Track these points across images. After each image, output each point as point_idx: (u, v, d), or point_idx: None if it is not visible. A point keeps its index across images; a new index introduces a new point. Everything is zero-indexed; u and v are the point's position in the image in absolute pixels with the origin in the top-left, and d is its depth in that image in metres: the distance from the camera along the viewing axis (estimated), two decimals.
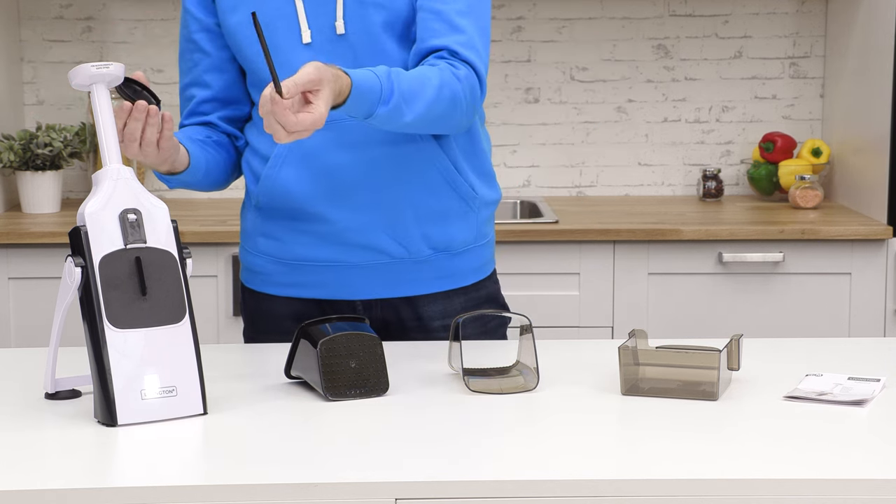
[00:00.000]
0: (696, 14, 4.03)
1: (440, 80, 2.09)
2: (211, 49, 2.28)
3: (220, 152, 2.29)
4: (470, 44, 2.15)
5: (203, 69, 2.29)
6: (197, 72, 2.30)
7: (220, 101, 2.30)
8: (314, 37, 2.18)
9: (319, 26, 2.18)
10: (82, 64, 1.87)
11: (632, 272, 3.50)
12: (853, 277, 3.51)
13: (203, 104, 2.30)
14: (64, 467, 1.64)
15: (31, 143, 3.69)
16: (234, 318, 3.46)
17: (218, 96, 2.30)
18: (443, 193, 2.24)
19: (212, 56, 2.28)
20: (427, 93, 2.06)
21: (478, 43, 2.17)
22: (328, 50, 2.17)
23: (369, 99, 2.00)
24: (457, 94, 2.11)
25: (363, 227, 2.21)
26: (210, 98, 2.30)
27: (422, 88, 2.06)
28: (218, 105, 2.30)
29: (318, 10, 2.18)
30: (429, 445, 1.71)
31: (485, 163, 2.31)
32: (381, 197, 2.18)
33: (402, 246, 2.23)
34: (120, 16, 3.93)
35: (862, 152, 3.72)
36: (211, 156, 2.26)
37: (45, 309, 3.37)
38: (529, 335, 1.97)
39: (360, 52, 2.17)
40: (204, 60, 2.29)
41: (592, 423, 1.81)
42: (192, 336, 1.83)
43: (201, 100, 2.30)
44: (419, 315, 2.28)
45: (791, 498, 1.57)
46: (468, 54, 2.15)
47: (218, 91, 2.29)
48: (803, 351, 2.20)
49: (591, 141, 4.08)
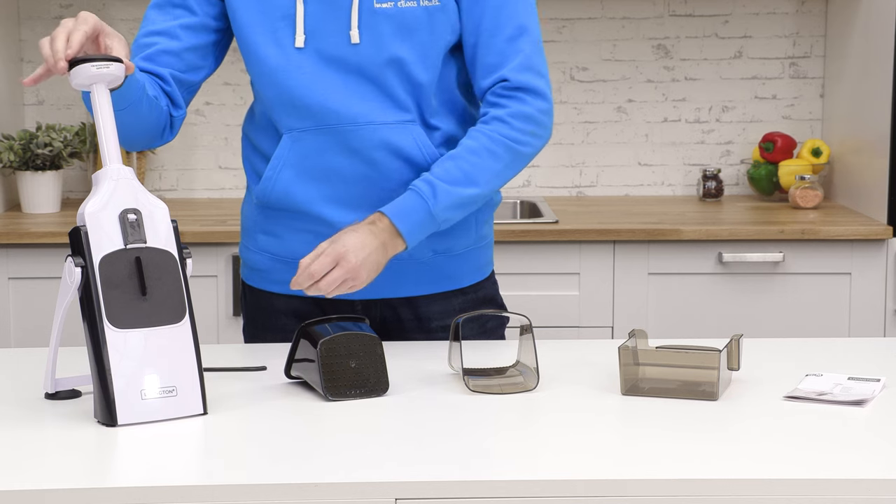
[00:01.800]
0: (696, 14, 4.03)
1: (484, 138, 2.15)
2: (198, 9, 2.20)
3: (154, 106, 2.16)
4: (525, 65, 2.18)
5: (181, 25, 2.20)
6: (172, 25, 2.19)
7: (182, 59, 2.20)
8: (325, 47, 2.16)
9: (333, 34, 2.16)
10: (82, 64, 1.86)
11: (632, 272, 3.50)
12: (853, 277, 3.51)
13: (164, 55, 2.19)
14: (64, 467, 1.64)
15: (31, 143, 3.69)
16: (234, 318, 3.46)
17: (182, 54, 2.20)
18: None
19: (197, 15, 2.20)
20: (474, 160, 2.14)
21: (534, 60, 2.19)
22: (342, 67, 2.16)
23: (414, 208, 2.10)
24: (508, 138, 2.16)
25: None
26: (175, 51, 2.19)
27: (468, 160, 2.14)
28: (177, 62, 2.19)
29: (331, 16, 2.15)
30: (429, 445, 1.71)
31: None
32: (382, 201, 2.17)
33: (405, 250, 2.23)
34: (120, 16, 3.93)
35: (862, 152, 3.72)
36: (147, 98, 2.13)
37: (45, 309, 3.37)
38: (529, 335, 1.97)
39: (373, 62, 2.16)
40: (185, 17, 2.20)
41: (592, 422, 1.81)
42: (192, 336, 1.83)
43: (164, 49, 2.18)
44: (418, 315, 2.28)
45: (791, 498, 1.57)
46: (521, 78, 2.17)
47: (185, 49, 2.20)
48: (803, 351, 2.20)
49: (591, 141, 4.08)
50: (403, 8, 2.14)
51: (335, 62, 2.16)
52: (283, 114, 2.19)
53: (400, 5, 2.14)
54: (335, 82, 2.16)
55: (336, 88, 2.16)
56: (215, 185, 4.07)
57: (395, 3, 2.15)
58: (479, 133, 2.16)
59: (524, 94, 2.17)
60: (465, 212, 2.17)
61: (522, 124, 2.17)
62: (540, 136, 2.21)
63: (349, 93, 2.16)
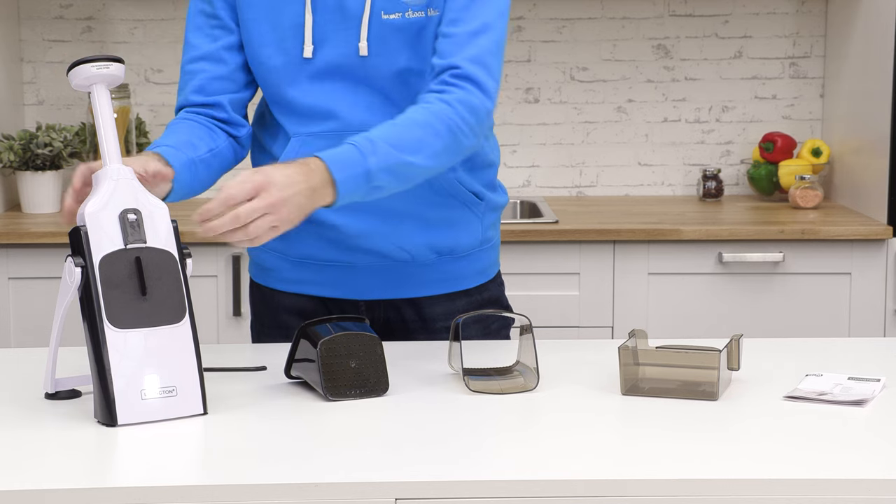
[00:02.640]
0: (696, 14, 4.02)
1: (428, 114, 2.05)
2: (234, 26, 2.19)
3: (214, 165, 2.21)
4: (478, 60, 2.10)
5: (223, 45, 2.19)
6: (215, 46, 2.19)
7: (233, 80, 2.20)
8: (333, 57, 2.15)
9: (341, 45, 2.14)
10: (82, 64, 1.86)
11: (632, 272, 3.50)
12: (853, 277, 3.51)
13: (215, 81, 2.20)
14: (64, 467, 1.64)
15: (31, 143, 3.69)
16: (234, 318, 3.46)
17: (233, 76, 2.20)
18: (446, 204, 2.23)
19: (234, 33, 2.19)
20: (417, 132, 2.02)
21: (488, 59, 2.11)
22: (349, 76, 2.15)
23: (352, 160, 1.95)
24: (451, 120, 2.05)
25: (368, 235, 2.20)
26: (224, 76, 2.20)
27: (416, 128, 2.02)
28: (230, 85, 2.21)
29: (339, 26, 2.14)
30: (429, 445, 1.71)
31: (491, 174, 2.30)
32: (385, 208, 2.16)
33: (407, 252, 2.23)
34: (120, 16, 3.93)
35: (862, 152, 3.72)
36: (203, 176, 2.18)
37: (45, 309, 3.37)
38: (529, 335, 1.97)
39: (381, 74, 2.15)
40: (225, 36, 2.19)
41: (592, 422, 1.81)
42: (192, 336, 1.83)
43: (214, 76, 2.20)
44: (422, 316, 2.28)
45: (791, 498, 1.57)
46: (472, 70, 2.09)
47: (233, 70, 2.20)
48: (803, 351, 2.20)
49: (591, 141, 4.07)
50: (411, 18, 2.13)
51: (343, 72, 2.15)
52: (290, 120, 2.19)
53: (408, 16, 2.13)
54: (343, 92, 2.16)
55: (343, 98, 2.16)
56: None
57: (403, 13, 2.13)
58: (422, 109, 2.06)
59: (472, 85, 2.09)
60: (400, 183, 2.03)
61: (465, 113, 2.07)
62: (476, 134, 2.10)
63: (356, 102, 2.15)
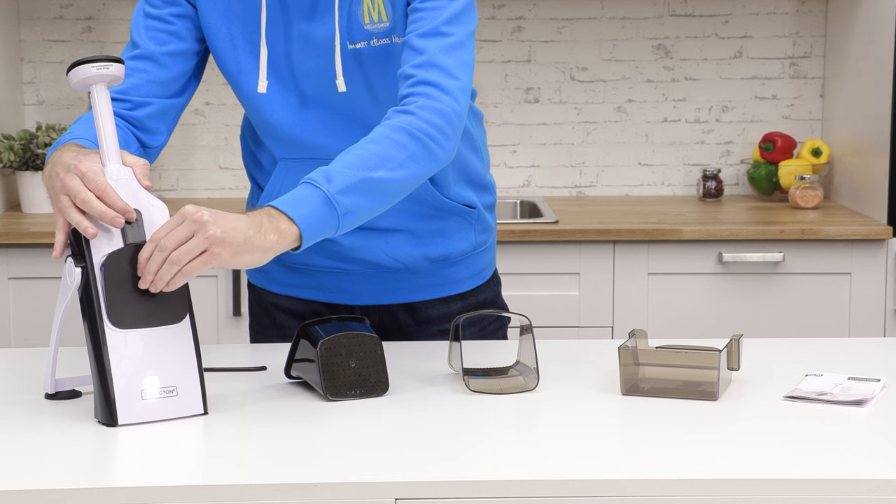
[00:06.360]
0: (696, 14, 4.03)
1: (385, 128, 1.96)
2: (187, 36, 2.13)
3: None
4: (429, 63, 2.01)
5: (169, 50, 2.12)
6: (160, 50, 2.12)
7: (168, 87, 2.12)
8: (309, 88, 2.12)
9: (316, 76, 2.11)
10: (82, 64, 1.86)
11: (632, 272, 3.50)
12: (853, 277, 3.51)
13: (153, 85, 2.11)
14: (64, 467, 1.64)
15: (31, 143, 3.69)
16: (234, 318, 3.46)
17: (169, 82, 2.12)
18: (437, 216, 2.21)
19: (186, 43, 2.13)
20: (372, 147, 1.93)
21: (441, 60, 2.01)
22: (327, 106, 2.12)
23: (305, 193, 1.85)
24: (412, 126, 1.96)
25: (361, 247, 2.20)
26: (164, 80, 2.11)
27: (372, 144, 1.94)
28: (164, 90, 2.12)
29: (313, 55, 2.10)
30: (429, 445, 1.71)
31: (479, 174, 2.27)
32: (377, 222, 2.14)
33: (400, 262, 2.22)
34: (120, 16, 3.93)
35: (862, 152, 3.72)
36: None
37: (45, 309, 3.37)
38: (529, 335, 1.97)
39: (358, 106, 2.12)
40: (173, 43, 2.12)
41: (592, 423, 1.81)
42: (192, 336, 1.83)
43: (152, 79, 2.11)
44: (417, 320, 2.28)
45: (791, 498, 1.57)
46: (426, 74, 2.01)
47: (173, 77, 2.13)
48: (803, 351, 2.20)
49: (591, 141, 4.08)
50: (377, 46, 2.09)
51: (320, 104, 2.12)
52: (273, 143, 2.17)
53: (373, 44, 2.09)
54: (321, 121, 2.13)
55: (323, 126, 2.13)
56: (215, 185, 4.07)
57: (368, 42, 2.09)
58: (381, 126, 1.97)
59: (430, 88, 2.00)
60: (376, 200, 1.92)
61: (430, 116, 1.96)
62: (447, 137, 1.98)
63: (336, 130, 2.13)
